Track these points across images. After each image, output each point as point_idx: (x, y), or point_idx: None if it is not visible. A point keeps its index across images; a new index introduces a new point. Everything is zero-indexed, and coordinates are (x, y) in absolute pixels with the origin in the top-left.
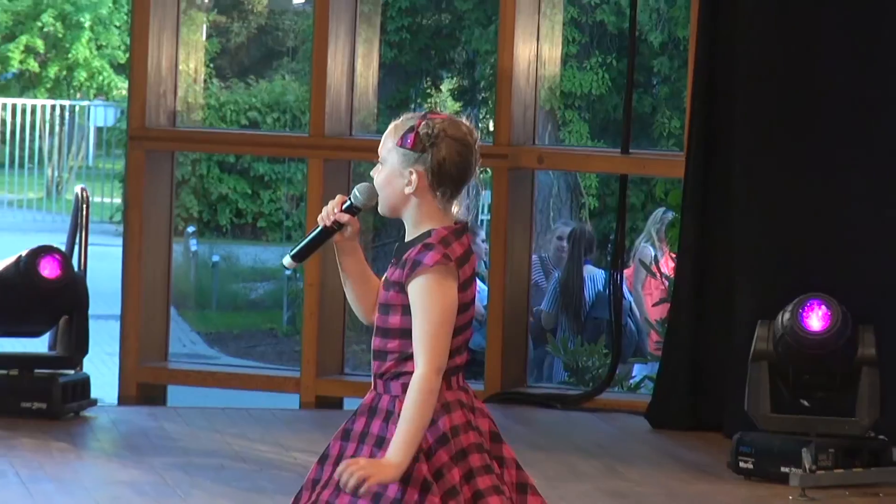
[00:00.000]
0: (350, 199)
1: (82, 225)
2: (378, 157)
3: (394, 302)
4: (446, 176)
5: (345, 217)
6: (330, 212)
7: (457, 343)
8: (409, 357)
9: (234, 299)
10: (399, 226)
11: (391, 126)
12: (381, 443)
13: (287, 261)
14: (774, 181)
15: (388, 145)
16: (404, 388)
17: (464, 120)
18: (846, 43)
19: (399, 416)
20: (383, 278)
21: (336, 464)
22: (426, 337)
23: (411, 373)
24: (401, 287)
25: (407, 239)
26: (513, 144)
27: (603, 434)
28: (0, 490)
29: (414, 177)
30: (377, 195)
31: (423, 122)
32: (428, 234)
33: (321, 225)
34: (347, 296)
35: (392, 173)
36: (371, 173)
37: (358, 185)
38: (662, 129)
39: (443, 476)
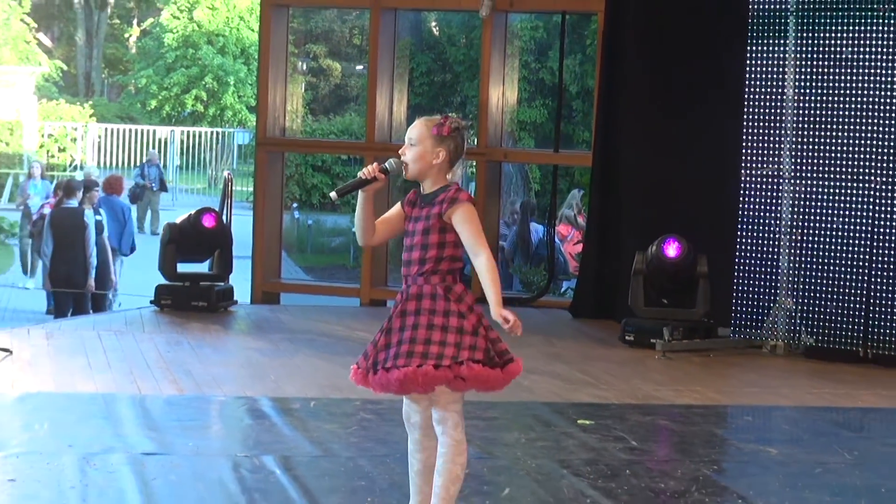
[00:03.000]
0: (385, 165)
1: (229, 195)
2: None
3: (432, 228)
4: (457, 155)
5: (382, 176)
6: (372, 170)
7: (461, 253)
8: (439, 261)
9: (320, 247)
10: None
11: (420, 122)
12: (433, 311)
13: (333, 195)
14: (646, 167)
15: (423, 133)
16: (441, 277)
17: (463, 121)
18: (691, 80)
19: (428, 299)
20: (409, 217)
21: (400, 330)
22: (479, 237)
23: (444, 270)
24: (439, 217)
25: (426, 192)
26: (489, 147)
27: (543, 321)
28: (179, 353)
29: (442, 154)
30: (402, 166)
31: (450, 121)
32: (447, 187)
33: (362, 177)
34: (357, 223)
35: (425, 151)
36: (400, 152)
37: (390, 159)
38: (578, 138)
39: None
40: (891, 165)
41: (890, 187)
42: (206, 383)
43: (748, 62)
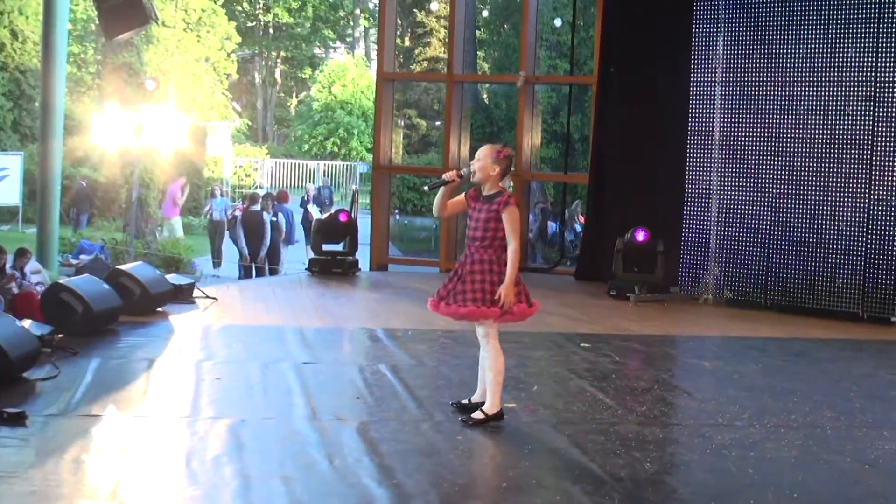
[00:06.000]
0: (462, 172)
1: (355, 201)
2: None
3: (491, 219)
4: (507, 171)
5: (457, 179)
6: (453, 174)
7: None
8: (494, 240)
9: (413, 237)
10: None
11: (487, 147)
12: (482, 272)
13: (426, 187)
14: (624, 183)
15: (487, 154)
16: (494, 250)
17: (512, 151)
18: (653, 129)
19: (487, 263)
20: (473, 207)
21: (461, 281)
22: (514, 232)
23: (496, 246)
24: (497, 213)
25: (486, 193)
26: (522, 170)
27: (557, 283)
28: (323, 300)
29: (497, 169)
30: (472, 173)
31: (502, 149)
32: (501, 192)
33: (446, 178)
34: (436, 202)
35: (486, 166)
36: (471, 164)
37: (465, 168)
38: (579, 165)
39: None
40: (782, 179)
41: (781, 194)
42: (342, 319)
43: (689, 121)
